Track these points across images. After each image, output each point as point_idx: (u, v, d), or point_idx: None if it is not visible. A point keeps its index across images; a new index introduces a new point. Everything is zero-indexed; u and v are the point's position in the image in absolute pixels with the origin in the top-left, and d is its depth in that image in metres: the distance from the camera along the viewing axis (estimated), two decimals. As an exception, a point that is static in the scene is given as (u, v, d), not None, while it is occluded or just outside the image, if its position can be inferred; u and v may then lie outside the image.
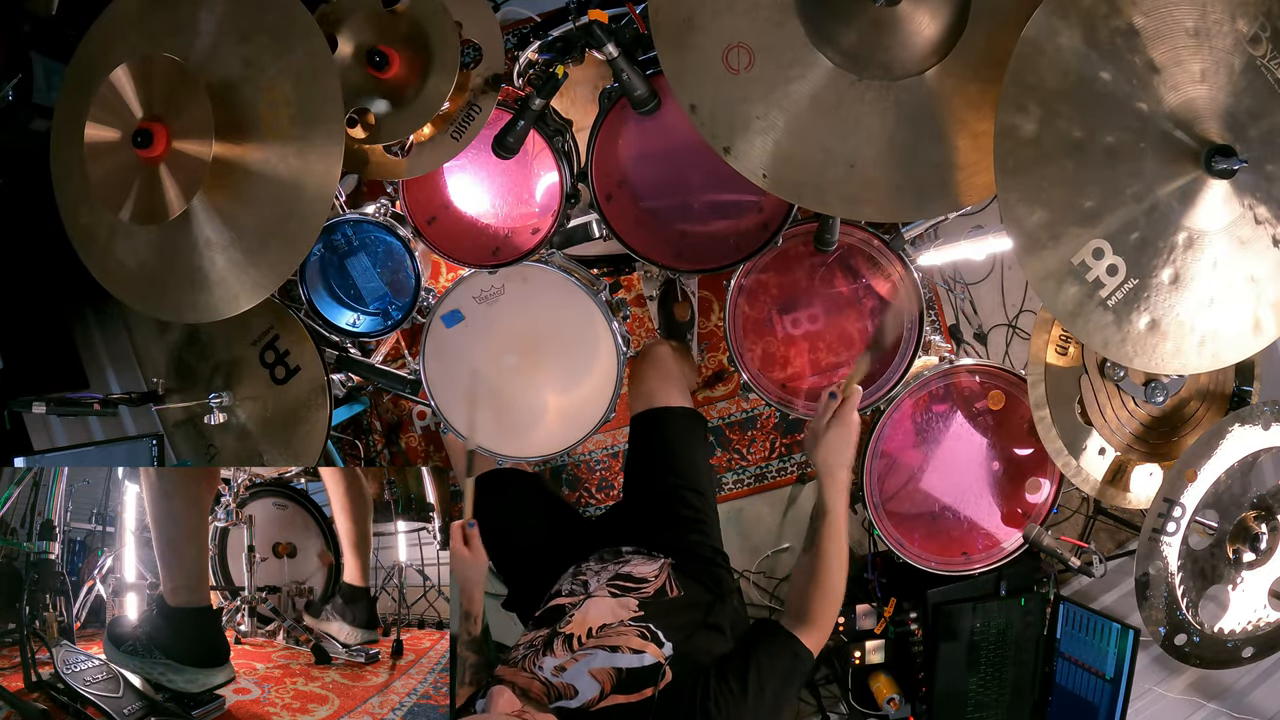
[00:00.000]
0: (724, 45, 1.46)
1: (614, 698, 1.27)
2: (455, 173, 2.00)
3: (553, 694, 1.29)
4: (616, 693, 1.27)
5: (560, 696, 1.29)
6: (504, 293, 1.99)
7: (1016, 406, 2.06)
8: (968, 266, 2.80)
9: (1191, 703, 2.40)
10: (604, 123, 1.84)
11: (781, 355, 2.06)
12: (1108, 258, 1.39)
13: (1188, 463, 1.77)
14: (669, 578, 1.58)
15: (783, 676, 1.34)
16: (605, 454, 2.96)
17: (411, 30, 1.69)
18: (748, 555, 2.93)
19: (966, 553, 2.14)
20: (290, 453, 1.99)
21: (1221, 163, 1.31)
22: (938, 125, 1.47)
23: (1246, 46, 1.36)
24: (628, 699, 1.26)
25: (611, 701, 1.26)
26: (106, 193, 1.62)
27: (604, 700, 1.27)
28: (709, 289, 2.86)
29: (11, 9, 2.16)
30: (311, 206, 1.54)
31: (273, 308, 1.95)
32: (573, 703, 1.28)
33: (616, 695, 1.27)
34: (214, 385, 1.99)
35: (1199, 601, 1.83)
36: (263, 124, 1.53)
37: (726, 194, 1.91)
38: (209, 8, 1.56)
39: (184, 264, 1.62)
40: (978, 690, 2.41)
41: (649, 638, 1.35)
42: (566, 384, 2.03)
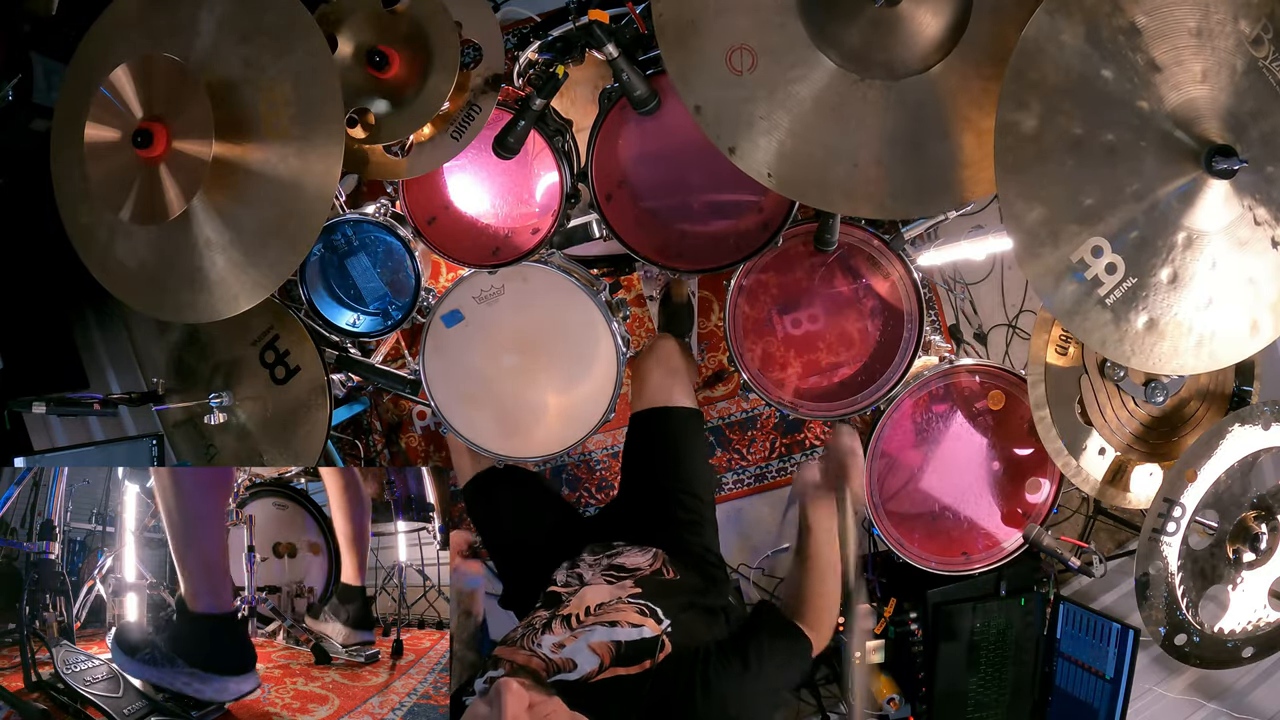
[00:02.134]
0: (727, 47, 1.46)
1: (614, 670, 1.26)
2: (455, 173, 2.00)
3: (551, 669, 1.29)
4: (616, 665, 1.27)
5: (559, 670, 1.28)
6: (504, 293, 1.98)
7: (1016, 406, 2.06)
8: (968, 266, 2.80)
9: (1191, 703, 2.40)
10: (604, 123, 1.84)
11: (781, 355, 2.06)
12: (1106, 256, 1.39)
13: (1188, 463, 1.77)
14: (664, 563, 1.59)
15: (782, 656, 1.33)
16: (605, 454, 2.96)
17: (411, 30, 1.69)
18: (748, 555, 2.93)
19: (966, 553, 2.14)
20: (290, 453, 1.99)
21: (1222, 163, 1.32)
22: (942, 123, 1.47)
23: (1249, 48, 1.36)
24: (627, 671, 1.26)
25: (611, 674, 1.26)
26: (106, 193, 1.62)
27: (603, 673, 1.26)
28: (709, 289, 2.86)
29: (11, 9, 2.16)
30: (311, 206, 1.54)
31: (273, 308, 1.95)
32: (572, 675, 1.27)
33: (616, 668, 1.26)
34: (214, 385, 1.99)
35: (1199, 601, 1.83)
36: (263, 124, 1.53)
37: (726, 194, 1.91)
38: (209, 8, 1.56)
39: (184, 264, 1.62)
40: (978, 690, 2.41)
41: (648, 614, 1.35)
42: (566, 384, 2.03)
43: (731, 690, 1.24)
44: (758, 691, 1.28)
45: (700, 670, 1.24)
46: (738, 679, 1.25)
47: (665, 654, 1.28)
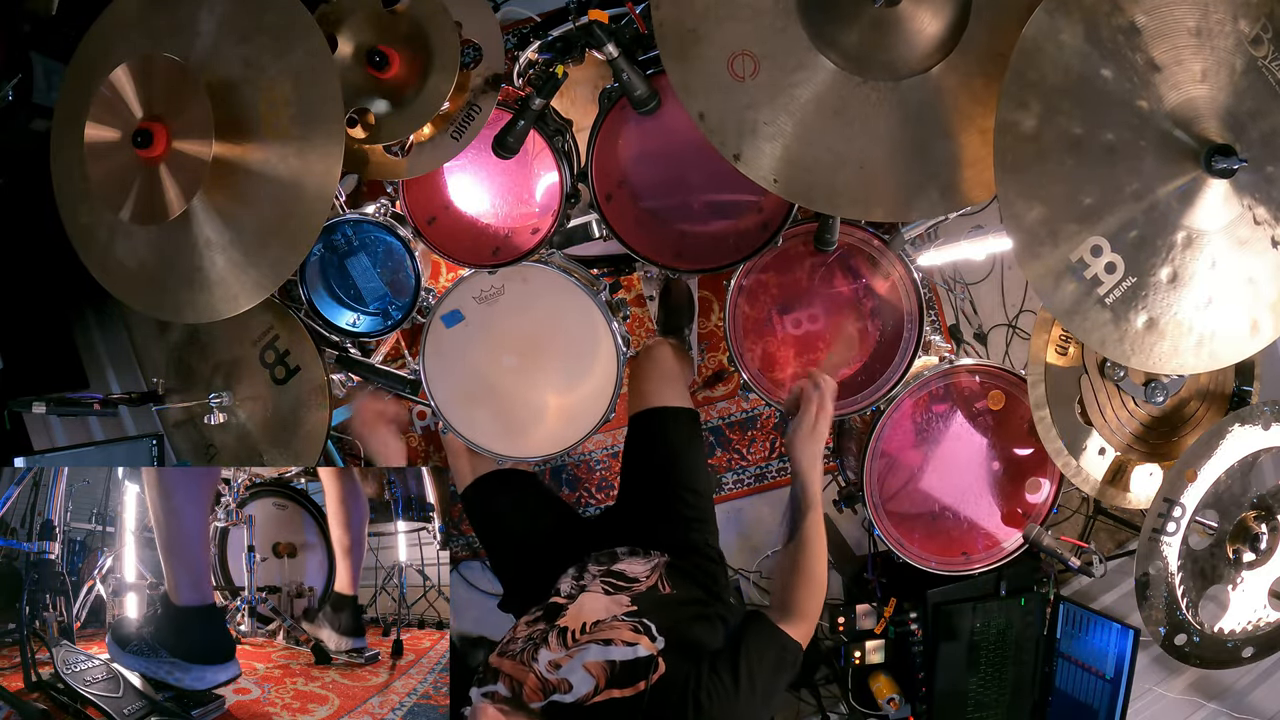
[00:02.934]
0: (729, 53, 1.46)
1: (609, 692, 1.27)
2: (455, 173, 2.00)
3: (548, 689, 1.30)
4: (611, 687, 1.28)
5: (555, 691, 1.30)
6: (504, 293, 1.98)
7: (1016, 406, 2.06)
8: (968, 266, 2.80)
9: (1191, 703, 2.40)
10: (604, 123, 1.84)
11: (781, 355, 2.06)
12: (1106, 255, 1.39)
13: (1188, 463, 1.77)
14: (661, 576, 1.59)
15: (772, 668, 1.35)
16: (605, 454, 2.96)
17: (411, 30, 1.69)
18: (748, 555, 2.93)
19: (966, 553, 2.14)
20: (290, 453, 1.99)
21: (1221, 162, 1.31)
22: (944, 122, 1.47)
23: (1248, 47, 1.36)
24: (622, 693, 1.27)
25: (606, 696, 1.27)
26: (106, 193, 1.62)
27: (599, 695, 1.28)
28: (709, 289, 2.86)
29: (11, 9, 2.16)
30: (311, 206, 1.54)
31: (273, 308, 1.95)
32: (568, 698, 1.28)
33: (612, 690, 1.28)
34: (214, 385, 1.99)
35: (1199, 601, 1.83)
36: (263, 124, 1.53)
37: (726, 194, 1.91)
38: (209, 8, 1.56)
39: (184, 264, 1.62)
40: (978, 690, 2.41)
41: (642, 631, 1.36)
42: (566, 384, 2.03)
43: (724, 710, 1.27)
44: (752, 705, 1.31)
45: (693, 694, 1.26)
46: (730, 699, 1.28)
47: (659, 674, 1.29)
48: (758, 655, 1.34)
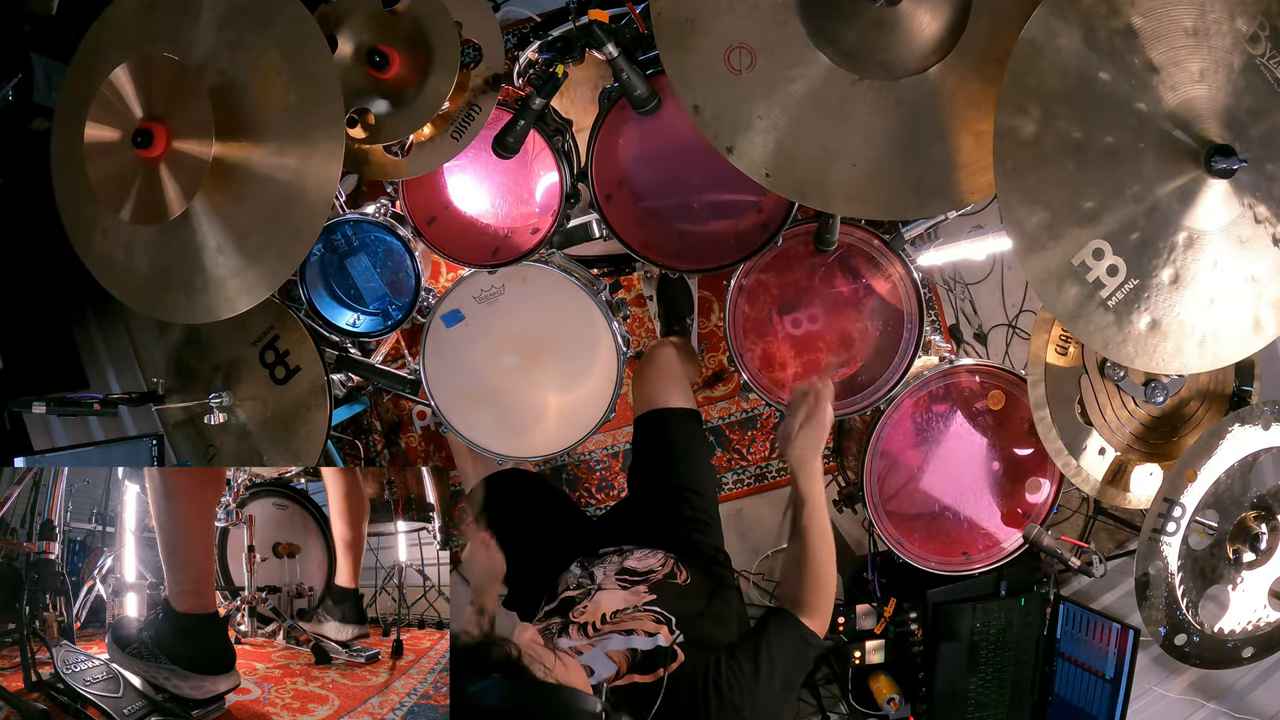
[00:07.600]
0: (726, 46, 1.46)
1: (630, 677, 1.30)
2: (455, 173, 2.00)
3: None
4: (633, 672, 1.30)
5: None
6: (504, 293, 1.99)
7: (1016, 406, 2.06)
8: (968, 266, 2.80)
9: (1191, 703, 2.40)
10: (604, 123, 1.84)
11: (781, 355, 2.06)
12: (1108, 258, 1.39)
13: (1188, 463, 1.77)
14: (675, 565, 1.60)
15: (792, 658, 1.37)
16: (605, 454, 2.96)
17: (411, 30, 1.69)
18: (748, 555, 2.93)
19: (966, 553, 2.14)
20: (290, 453, 1.99)
21: (1221, 162, 1.31)
22: (940, 124, 1.47)
23: (1245, 46, 1.36)
24: (643, 679, 1.29)
25: (628, 680, 1.30)
26: (106, 193, 1.62)
27: (620, 679, 1.30)
28: (709, 289, 2.86)
29: (11, 9, 2.15)
30: (311, 206, 1.54)
31: (273, 308, 1.95)
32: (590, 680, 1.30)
33: (633, 674, 1.30)
34: (214, 385, 1.99)
35: (1199, 601, 1.83)
36: (263, 124, 1.53)
37: (726, 194, 1.91)
38: (209, 8, 1.56)
39: (184, 264, 1.62)
40: (978, 690, 2.41)
41: (663, 621, 1.38)
42: (566, 384, 2.03)
43: (745, 698, 1.27)
44: (772, 693, 1.32)
45: (713, 681, 1.27)
46: (750, 686, 1.29)
47: (678, 664, 1.30)
48: (779, 645, 1.36)
